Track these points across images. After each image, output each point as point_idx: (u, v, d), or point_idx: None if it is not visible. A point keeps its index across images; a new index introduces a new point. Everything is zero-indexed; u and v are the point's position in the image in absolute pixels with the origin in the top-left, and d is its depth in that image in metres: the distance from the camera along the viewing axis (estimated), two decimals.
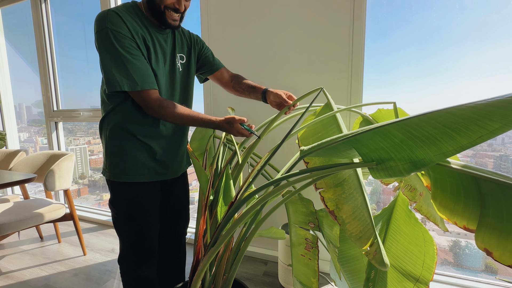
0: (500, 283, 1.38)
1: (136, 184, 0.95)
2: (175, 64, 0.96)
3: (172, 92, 0.97)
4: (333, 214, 0.69)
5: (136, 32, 0.84)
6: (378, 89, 1.53)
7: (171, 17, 0.87)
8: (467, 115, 0.41)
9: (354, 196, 0.69)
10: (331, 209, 0.69)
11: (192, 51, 1.04)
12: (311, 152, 0.62)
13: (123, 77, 0.81)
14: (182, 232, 1.21)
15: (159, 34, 0.92)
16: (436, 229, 1.11)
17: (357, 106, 0.99)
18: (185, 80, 1.03)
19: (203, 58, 1.11)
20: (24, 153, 2.12)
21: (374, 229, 0.70)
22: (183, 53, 1.00)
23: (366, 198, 0.70)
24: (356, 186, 0.69)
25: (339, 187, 0.70)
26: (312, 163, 0.78)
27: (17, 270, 1.69)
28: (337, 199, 0.69)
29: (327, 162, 0.75)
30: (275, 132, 1.18)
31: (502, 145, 1.53)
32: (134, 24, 0.84)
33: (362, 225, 0.69)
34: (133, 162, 0.93)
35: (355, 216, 0.69)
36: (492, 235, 0.45)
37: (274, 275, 1.59)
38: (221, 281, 0.88)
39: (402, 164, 0.50)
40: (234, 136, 0.89)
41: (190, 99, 1.08)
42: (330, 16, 1.43)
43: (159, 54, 0.91)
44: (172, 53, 0.96)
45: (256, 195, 0.72)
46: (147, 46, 0.87)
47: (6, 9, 2.75)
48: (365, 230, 0.69)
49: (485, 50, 1.34)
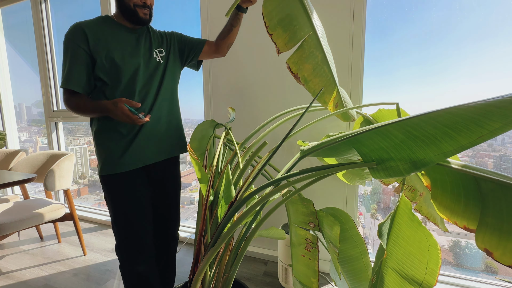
0: (500, 283, 1.38)
1: (119, 175, 1.01)
2: (152, 57, 1.06)
3: (150, 81, 1.05)
4: (297, 77, 0.75)
5: (97, 38, 0.96)
6: (378, 90, 1.53)
7: (142, 12, 1.00)
8: (467, 115, 0.41)
9: (314, 54, 0.74)
10: (295, 72, 0.75)
11: (171, 45, 1.13)
12: (311, 152, 0.62)
13: (62, 76, 0.99)
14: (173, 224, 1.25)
15: (130, 35, 1.03)
16: (436, 229, 1.11)
17: (359, 106, 0.99)
18: (170, 68, 1.11)
19: (186, 43, 1.17)
20: (24, 153, 2.12)
21: (335, 83, 0.77)
22: (161, 47, 1.10)
23: (327, 55, 0.75)
24: (316, 45, 0.74)
25: (300, 49, 0.75)
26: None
27: (17, 270, 1.69)
28: (299, 61, 0.75)
29: None
30: (275, 132, 1.18)
31: (502, 145, 1.53)
32: (98, 31, 0.97)
33: (324, 81, 0.76)
34: (110, 154, 1.01)
35: (316, 73, 0.74)
36: (493, 235, 0.45)
37: (274, 275, 1.59)
38: (221, 281, 0.88)
39: (402, 164, 0.50)
40: (120, 120, 0.92)
41: (174, 85, 1.15)
42: (330, 16, 1.43)
43: (128, 51, 1.01)
44: (149, 48, 1.06)
45: (256, 195, 0.72)
46: (110, 47, 0.98)
47: (6, 9, 2.75)
48: (326, 85, 0.76)
49: (486, 50, 1.34)
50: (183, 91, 2.24)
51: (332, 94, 0.73)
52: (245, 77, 1.68)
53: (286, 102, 1.59)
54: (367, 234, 1.84)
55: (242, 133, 1.62)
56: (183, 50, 1.17)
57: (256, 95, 1.66)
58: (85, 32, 0.95)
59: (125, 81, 0.99)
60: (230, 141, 1.14)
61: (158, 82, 1.07)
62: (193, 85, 2.01)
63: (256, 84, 1.65)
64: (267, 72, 1.62)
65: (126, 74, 0.99)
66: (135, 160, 1.03)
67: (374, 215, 1.81)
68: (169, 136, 1.12)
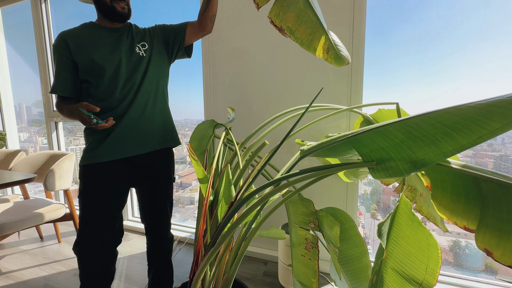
0: (500, 283, 1.38)
1: (93, 166, 1.02)
2: (134, 52, 1.08)
3: (132, 75, 1.06)
4: (281, 30, 0.70)
5: (77, 43, 1.01)
6: (378, 90, 1.53)
7: (119, 6, 1.04)
8: (467, 115, 0.41)
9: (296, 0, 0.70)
10: (279, 25, 0.70)
11: (154, 38, 1.14)
12: (311, 152, 0.62)
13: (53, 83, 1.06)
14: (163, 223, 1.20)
15: (111, 34, 1.06)
16: (436, 229, 1.11)
17: (358, 106, 0.99)
18: (154, 61, 1.11)
19: (169, 32, 1.16)
20: (24, 153, 2.12)
21: (322, 27, 0.71)
22: (144, 41, 1.11)
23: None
24: None
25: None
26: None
27: (17, 270, 1.69)
28: (280, 12, 0.70)
29: None
30: (275, 132, 1.18)
31: (502, 145, 1.53)
32: (78, 36, 1.03)
33: (310, 27, 0.70)
34: (89, 146, 1.04)
35: (300, 20, 0.69)
36: (492, 235, 0.45)
37: (274, 275, 1.59)
38: (221, 281, 0.88)
39: (402, 164, 0.50)
40: (83, 123, 0.95)
41: (160, 78, 1.14)
42: (330, 16, 1.43)
43: (109, 49, 1.03)
44: (130, 44, 1.08)
45: (256, 195, 0.72)
46: (90, 49, 1.02)
47: (6, 9, 2.75)
48: (314, 31, 0.70)
49: (486, 51, 1.34)
50: (183, 91, 2.25)
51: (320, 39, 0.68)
52: (245, 77, 1.68)
53: (286, 102, 1.59)
54: (367, 234, 1.84)
55: (242, 133, 1.62)
56: (168, 40, 1.16)
57: (256, 95, 1.66)
58: (66, 40, 1.02)
59: (107, 78, 1.01)
60: (230, 141, 1.14)
61: (141, 75, 1.07)
62: (193, 85, 2.02)
63: (256, 84, 1.65)
64: (267, 72, 1.62)
65: (108, 71, 1.01)
66: (112, 152, 1.02)
67: (374, 215, 1.81)
68: (153, 129, 1.11)
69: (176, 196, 2.65)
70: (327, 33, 0.72)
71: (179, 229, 2.18)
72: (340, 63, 0.75)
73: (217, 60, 1.73)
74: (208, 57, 1.76)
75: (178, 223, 2.26)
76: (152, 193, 1.16)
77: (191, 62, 1.33)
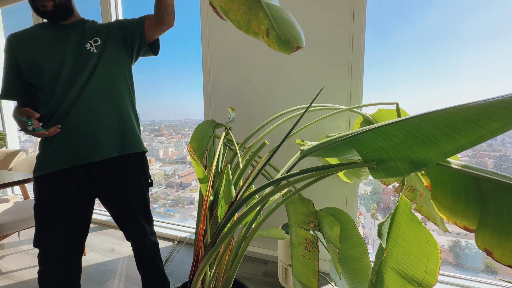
0: (500, 283, 1.38)
1: (39, 178, 0.97)
2: (84, 48, 1.00)
3: (78, 72, 0.98)
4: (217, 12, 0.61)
5: (20, 44, 0.97)
6: (378, 90, 1.53)
7: (40, 4, 0.95)
8: (467, 115, 0.41)
9: None
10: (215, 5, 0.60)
11: (110, 33, 1.06)
12: (311, 152, 0.62)
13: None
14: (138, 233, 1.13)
15: (58, 32, 1.01)
16: (436, 229, 1.11)
17: (358, 106, 0.99)
18: (107, 57, 1.03)
19: (127, 27, 1.08)
20: (24, 153, 2.12)
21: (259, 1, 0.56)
22: (97, 37, 1.03)
23: None
24: None
25: None
26: None
27: (17, 270, 1.69)
28: None
29: None
30: (275, 132, 1.18)
31: (502, 145, 1.53)
32: (22, 37, 0.98)
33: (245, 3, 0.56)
34: (37, 156, 0.98)
35: None
36: (492, 235, 0.45)
37: (274, 275, 1.59)
38: (221, 281, 0.88)
39: (402, 164, 0.50)
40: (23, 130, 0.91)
41: (114, 76, 1.05)
42: (330, 16, 1.43)
43: (51, 48, 0.97)
44: (80, 40, 1.01)
45: (256, 195, 0.72)
46: (31, 49, 0.97)
47: (6, 9, 2.75)
48: (249, 7, 0.55)
49: (486, 51, 1.34)
50: (183, 91, 2.25)
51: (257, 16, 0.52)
52: (245, 77, 1.68)
53: (286, 102, 1.59)
54: (367, 234, 1.84)
55: (242, 133, 1.62)
56: (126, 35, 1.07)
57: (256, 95, 1.66)
58: (10, 42, 0.98)
59: (47, 79, 0.95)
60: (230, 141, 1.14)
61: (89, 73, 0.98)
62: (193, 85, 2.02)
63: (256, 84, 1.65)
64: (267, 72, 1.62)
65: (48, 72, 0.95)
66: (56, 161, 0.94)
67: (374, 215, 1.81)
68: (106, 132, 1.00)
69: (176, 196, 2.65)
70: (264, 8, 0.56)
71: (179, 229, 2.18)
72: (286, 49, 0.56)
73: (217, 60, 1.73)
74: (208, 57, 1.76)
75: (178, 223, 2.26)
76: (118, 204, 1.07)
77: (191, 62, 1.32)
